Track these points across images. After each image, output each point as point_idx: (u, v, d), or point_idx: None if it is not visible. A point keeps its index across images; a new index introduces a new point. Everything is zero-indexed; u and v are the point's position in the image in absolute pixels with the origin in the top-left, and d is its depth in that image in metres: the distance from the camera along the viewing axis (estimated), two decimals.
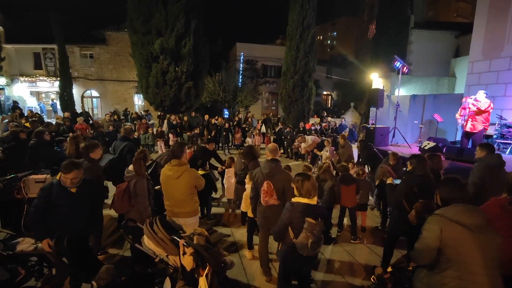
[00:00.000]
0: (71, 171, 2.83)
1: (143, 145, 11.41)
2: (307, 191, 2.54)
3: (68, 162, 2.88)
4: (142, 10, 13.31)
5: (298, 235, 2.50)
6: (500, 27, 8.81)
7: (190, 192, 3.33)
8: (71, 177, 2.83)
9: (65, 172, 2.82)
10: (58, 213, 2.85)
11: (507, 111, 8.46)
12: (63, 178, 2.85)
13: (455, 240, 1.87)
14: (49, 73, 21.23)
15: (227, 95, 19.59)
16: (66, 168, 2.83)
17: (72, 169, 2.84)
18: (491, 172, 3.60)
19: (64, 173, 2.82)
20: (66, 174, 2.81)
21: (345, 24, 40.98)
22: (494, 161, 3.73)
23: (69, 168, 2.84)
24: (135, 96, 22.57)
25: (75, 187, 2.89)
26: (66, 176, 2.82)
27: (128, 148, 4.57)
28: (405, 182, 3.39)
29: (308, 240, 2.45)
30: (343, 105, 23.52)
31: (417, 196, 3.18)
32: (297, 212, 2.52)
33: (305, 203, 2.54)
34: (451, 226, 1.90)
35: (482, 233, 1.87)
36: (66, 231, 2.86)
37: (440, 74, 14.31)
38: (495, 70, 9.02)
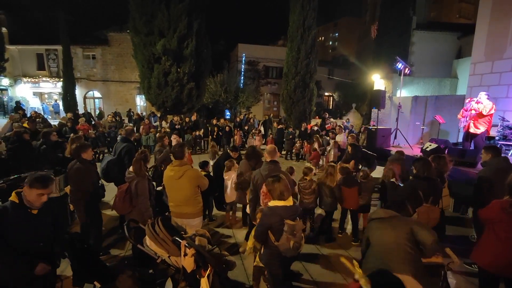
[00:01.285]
0: (49, 185, 2.34)
1: (145, 146, 11.44)
2: (280, 193, 2.55)
3: (45, 175, 2.38)
4: (144, 11, 13.37)
5: (279, 238, 2.50)
6: (502, 28, 8.78)
7: (193, 193, 3.34)
8: (48, 192, 2.33)
9: (43, 186, 2.28)
10: (14, 240, 2.22)
11: (509, 112, 8.42)
12: (33, 196, 2.26)
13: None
14: (52, 74, 21.37)
15: (228, 96, 19.63)
16: (44, 182, 2.30)
17: (51, 183, 2.37)
18: (499, 175, 3.52)
19: (40, 188, 2.27)
20: (43, 189, 2.28)
21: (347, 24, 40.91)
22: (502, 164, 3.68)
23: (49, 181, 2.35)
24: (137, 97, 22.67)
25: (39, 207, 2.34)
26: (42, 191, 2.28)
27: (127, 149, 4.56)
28: (410, 184, 3.37)
29: (289, 242, 2.46)
30: (345, 106, 23.49)
31: (421, 200, 3.15)
32: (276, 216, 2.52)
33: (282, 206, 2.54)
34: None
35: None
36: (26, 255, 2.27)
37: (442, 75, 14.26)
38: (498, 71, 8.98)
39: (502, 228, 2.43)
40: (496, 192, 3.38)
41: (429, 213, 3.15)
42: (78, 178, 3.62)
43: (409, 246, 2.19)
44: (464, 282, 3.47)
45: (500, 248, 2.42)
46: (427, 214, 3.13)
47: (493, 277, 2.54)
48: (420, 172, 3.31)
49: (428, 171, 3.29)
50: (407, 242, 2.20)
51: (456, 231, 4.95)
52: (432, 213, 3.16)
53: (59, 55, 19.94)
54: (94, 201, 3.81)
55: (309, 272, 3.73)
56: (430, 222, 3.17)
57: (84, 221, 3.78)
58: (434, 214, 3.17)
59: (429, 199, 3.18)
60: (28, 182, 2.27)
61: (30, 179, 2.28)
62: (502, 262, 2.40)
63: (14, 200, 2.28)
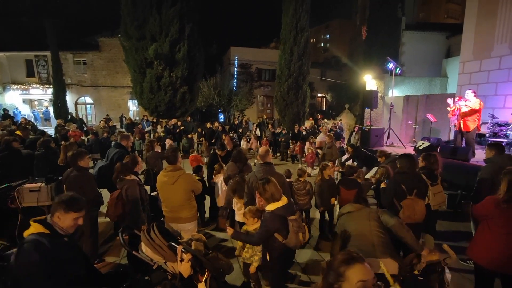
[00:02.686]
0: (84, 206, 2.08)
1: (138, 151, 11.33)
2: (271, 196, 2.59)
3: (75, 196, 2.07)
4: (136, 16, 13.32)
5: (286, 236, 2.57)
6: (489, 27, 8.99)
7: (187, 197, 3.32)
8: (83, 214, 2.06)
9: (79, 209, 2.01)
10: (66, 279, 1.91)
11: (498, 110, 8.60)
12: (69, 221, 1.97)
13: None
14: (42, 81, 21.09)
15: (222, 99, 19.61)
16: (80, 204, 2.03)
17: (84, 204, 2.10)
18: (501, 172, 3.57)
19: (77, 211, 2.00)
20: (79, 213, 2.02)
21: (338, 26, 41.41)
22: (505, 162, 3.68)
23: (82, 202, 2.08)
24: (129, 102, 22.49)
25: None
26: (78, 214, 2.00)
27: (119, 155, 4.49)
28: (393, 180, 3.45)
29: (298, 235, 2.58)
30: (338, 107, 23.67)
31: (405, 194, 3.23)
32: (278, 218, 2.58)
33: (281, 206, 2.61)
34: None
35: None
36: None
37: (432, 75, 14.50)
38: (486, 69, 9.18)
39: (496, 224, 2.46)
40: (497, 189, 3.46)
41: (414, 205, 3.20)
42: (77, 186, 3.52)
43: (381, 231, 2.38)
44: (461, 278, 3.50)
45: (495, 244, 2.45)
46: (413, 207, 3.19)
47: (489, 273, 2.57)
48: (402, 168, 3.38)
49: (409, 166, 3.35)
50: (378, 229, 2.39)
51: (451, 226, 5.01)
52: (417, 205, 3.22)
53: (49, 61, 19.70)
54: (91, 210, 3.73)
55: (307, 273, 3.72)
56: (417, 214, 3.21)
57: (80, 230, 3.71)
58: (419, 206, 3.23)
59: (413, 192, 3.24)
60: (62, 207, 1.95)
61: (63, 203, 1.97)
62: (497, 258, 2.43)
63: (44, 232, 1.88)
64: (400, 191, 3.25)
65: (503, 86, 8.71)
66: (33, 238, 1.83)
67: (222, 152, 5.40)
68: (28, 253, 1.77)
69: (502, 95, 8.75)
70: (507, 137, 7.57)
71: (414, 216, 3.19)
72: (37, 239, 1.82)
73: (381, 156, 5.61)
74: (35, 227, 1.90)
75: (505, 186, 2.42)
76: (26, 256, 1.77)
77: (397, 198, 3.26)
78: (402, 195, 3.23)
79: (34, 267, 1.74)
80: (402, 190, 3.24)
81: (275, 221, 2.56)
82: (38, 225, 1.91)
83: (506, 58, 8.60)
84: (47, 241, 1.84)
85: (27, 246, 1.79)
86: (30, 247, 1.78)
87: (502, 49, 8.68)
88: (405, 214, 3.17)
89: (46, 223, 1.95)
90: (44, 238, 1.85)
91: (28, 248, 1.78)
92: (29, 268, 1.75)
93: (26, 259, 1.76)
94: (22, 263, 1.76)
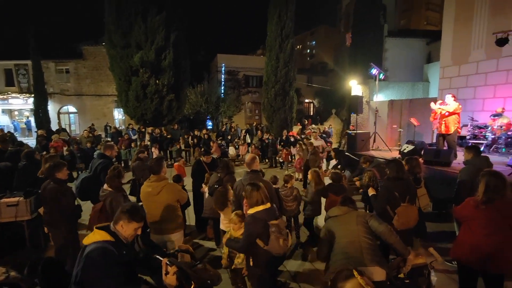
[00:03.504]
0: (144, 218, 2.15)
1: (124, 160, 11.10)
2: (256, 202, 2.59)
3: (137, 206, 2.17)
4: (120, 24, 13.17)
5: (268, 242, 2.53)
6: (466, 34, 9.37)
7: (172, 207, 3.24)
8: (142, 225, 2.11)
9: (141, 219, 2.08)
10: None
11: (477, 112, 8.90)
12: (131, 230, 2.02)
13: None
14: (22, 90, 20.48)
15: (209, 106, 19.56)
16: (141, 214, 2.10)
17: (145, 216, 2.17)
18: (479, 174, 3.67)
19: (139, 221, 2.06)
20: (140, 222, 2.07)
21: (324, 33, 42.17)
22: (482, 163, 3.83)
23: (144, 212, 2.18)
24: (115, 110, 22.09)
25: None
26: (139, 224, 2.05)
27: (103, 166, 4.33)
28: (385, 187, 3.42)
29: (279, 241, 2.52)
30: (325, 112, 24.00)
31: (398, 201, 3.22)
32: (260, 221, 2.55)
33: (263, 210, 2.58)
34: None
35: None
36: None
37: (414, 79, 14.94)
38: (464, 74, 9.53)
39: (477, 225, 2.51)
40: (476, 191, 3.55)
41: (408, 212, 3.20)
42: (53, 199, 3.41)
43: (369, 237, 2.37)
44: (446, 279, 3.55)
45: (476, 244, 2.49)
46: (406, 213, 3.19)
47: (471, 273, 2.62)
48: (392, 173, 3.38)
49: (400, 171, 3.36)
50: (366, 234, 2.38)
51: (437, 227, 5.10)
52: (411, 211, 3.23)
53: (30, 70, 19.18)
54: (71, 223, 3.60)
55: (297, 281, 3.69)
56: (411, 221, 3.23)
57: (60, 244, 3.56)
58: (412, 212, 3.24)
59: (405, 199, 3.25)
60: (126, 216, 1.99)
61: (127, 213, 2.00)
62: (478, 257, 2.47)
63: (110, 240, 1.91)
64: (393, 198, 3.23)
65: (481, 90, 9.05)
66: (101, 245, 1.86)
67: (207, 158, 5.17)
68: (98, 259, 1.80)
69: (480, 98, 9.08)
70: (487, 139, 7.84)
71: (408, 223, 3.20)
72: (105, 246, 1.86)
73: (365, 162, 5.68)
74: (100, 234, 1.93)
75: (482, 187, 2.48)
76: (96, 262, 1.79)
77: (390, 205, 3.23)
78: (395, 202, 3.21)
79: (103, 273, 1.78)
80: (395, 197, 3.22)
81: (256, 224, 2.52)
82: (104, 233, 1.94)
83: (482, 63, 8.96)
84: (113, 248, 1.88)
85: (97, 252, 1.82)
86: (99, 254, 1.81)
87: (479, 55, 9.05)
88: (399, 221, 3.15)
89: (110, 230, 1.98)
90: (110, 245, 1.89)
91: (98, 254, 1.81)
92: (99, 273, 1.78)
93: (96, 265, 1.78)
94: (92, 268, 1.79)
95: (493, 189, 2.43)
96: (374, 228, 2.44)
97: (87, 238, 1.95)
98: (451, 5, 9.90)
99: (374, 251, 2.31)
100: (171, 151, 11.93)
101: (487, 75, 8.87)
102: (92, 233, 1.97)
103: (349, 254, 2.28)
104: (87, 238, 1.95)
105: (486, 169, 2.70)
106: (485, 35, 8.75)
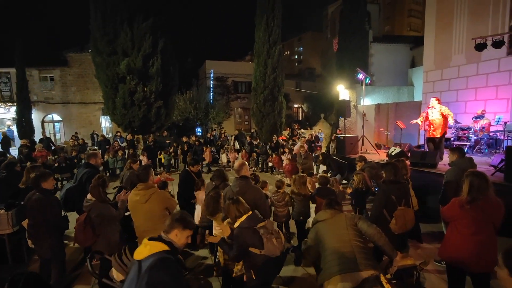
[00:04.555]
0: (194, 225, 2.26)
1: (112, 169, 10.87)
2: (235, 216, 2.64)
3: (188, 214, 2.21)
4: (106, 31, 13.03)
5: (262, 246, 2.54)
6: (446, 39, 9.70)
7: (161, 215, 3.17)
8: (192, 233, 2.16)
9: (193, 227, 2.14)
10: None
11: (460, 115, 9.18)
12: (184, 239, 2.05)
13: None
14: (5, 99, 19.85)
15: (199, 112, 19.47)
16: (191, 223, 2.13)
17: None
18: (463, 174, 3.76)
19: (191, 229, 2.11)
20: (191, 230, 2.12)
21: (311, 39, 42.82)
22: (466, 164, 3.93)
23: (194, 221, 2.25)
24: (101, 118, 21.68)
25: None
26: (190, 232, 2.10)
27: (88, 176, 4.19)
28: (382, 191, 3.38)
29: (272, 241, 2.54)
30: (314, 117, 24.25)
31: (395, 204, 3.19)
32: (247, 230, 2.57)
33: (245, 219, 2.60)
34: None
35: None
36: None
37: (400, 84, 15.30)
38: (447, 78, 9.84)
39: (463, 225, 2.57)
40: (461, 189, 3.62)
41: (405, 215, 3.18)
42: (38, 210, 3.26)
43: (360, 240, 2.36)
44: (436, 279, 3.60)
45: (463, 244, 2.54)
46: (403, 217, 3.17)
47: (459, 272, 2.66)
48: (388, 176, 3.37)
49: (396, 174, 3.35)
50: (357, 238, 2.37)
51: (425, 228, 5.18)
52: (407, 215, 3.20)
53: (12, 78, 18.66)
54: (57, 235, 3.47)
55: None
56: (408, 224, 3.21)
57: (45, 257, 3.42)
58: (409, 215, 3.21)
59: (402, 202, 3.23)
60: (180, 225, 1.99)
61: (181, 221, 2.01)
62: (465, 257, 2.52)
63: (167, 249, 1.88)
64: (390, 202, 3.20)
65: (462, 93, 9.36)
66: (162, 256, 1.81)
67: (196, 167, 4.96)
68: (163, 271, 1.76)
69: (462, 101, 9.38)
70: (470, 140, 8.08)
71: (406, 226, 3.18)
72: (166, 257, 1.82)
73: (360, 161, 5.72)
74: (156, 246, 1.87)
75: (467, 187, 2.54)
76: (162, 275, 1.74)
77: (387, 208, 3.22)
78: (392, 206, 3.19)
79: (172, 284, 1.75)
80: (392, 201, 3.19)
81: (245, 234, 2.53)
82: (159, 243, 1.89)
83: (463, 67, 9.28)
84: (172, 257, 1.86)
85: (161, 264, 1.77)
86: (164, 266, 1.77)
87: (460, 59, 9.37)
88: (397, 225, 3.13)
89: (164, 240, 1.95)
90: (169, 255, 1.86)
91: (162, 266, 1.77)
92: (168, 285, 1.74)
93: (163, 277, 1.73)
94: (160, 281, 1.72)
95: (477, 189, 2.49)
96: (364, 230, 2.43)
97: (140, 252, 1.86)
98: (432, 12, 10.25)
99: (367, 254, 2.30)
100: (160, 159, 11.76)
101: (468, 79, 9.19)
102: (143, 245, 1.90)
103: (343, 259, 2.26)
104: (140, 252, 1.86)
105: (470, 170, 2.76)
106: (465, 41, 9.09)
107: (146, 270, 1.73)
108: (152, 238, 1.96)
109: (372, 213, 3.49)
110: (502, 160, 5.30)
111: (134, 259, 1.86)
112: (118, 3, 12.83)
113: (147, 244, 1.90)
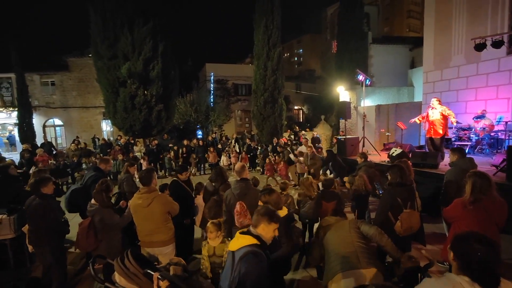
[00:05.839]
0: (279, 219, 2.28)
1: (114, 172, 10.87)
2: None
3: (272, 208, 2.28)
4: (107, 35, 13.09)
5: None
6: (446, 40, 9.72)
7: (163, 219, 3.18)
8: (278, 227, 2.20)
9: (278, 220, 2.19)
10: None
11: (461, 115, 9.18)
12: (271, 232, 2.12)
13: None
14: (6, 104, 19.93)
15: (199, 115, 19.50)
16: (277, 216, 2.19)
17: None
18: (464, 175, 3.70)
19: (277, 222, 2.15)
20: (277, 223, 2.17)
21: (310, 41, 42.97)
22: (467, 164, 3.94)
23: (279, 215, 2.30)
24: (102, 122, 21.74)
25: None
26: (276, 225, 2.14)
27: (94, 179, 4.19)
28: (388, 194, 3.32)
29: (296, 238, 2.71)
30: (315, 118, 24.25)
31: (401, 207, 3.13)
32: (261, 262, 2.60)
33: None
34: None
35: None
36: None
37: (400, 84, 15.31)
38: (447, 78, 9.85)
39: (465, 225, 2.56)
40: (462, 191, 3.60)
41: (410, 218, 3.11)
42: (38, 215, 3.26)
43: (362, 242, 2.42)
44: None
45: None
46: (409, 219, 3.10)
47: None
48: (394, 179, 3.30)
49: (402, 177, 3.28)
50: (359, 239, 2.43)
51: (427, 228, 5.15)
52: (413, 217, 3.13)
53: (13, 83, 18.75)
54: (58, 240, 3.46)
55: None
56: (413, 226, 3.15)
57: (47, 263, 3.42)
58: (415, 218, 3.15)
59: (407, 204, 3.17)
60: (266, 219, 2.04)
61: (267, 215, 2.05)
62: None
63: (256, 243, 1.95)
64: (396, 204, 3.14)
65: (463, 93, 9.35)
66: (252, 249, 1.92)
67: (184, 174, 4.31)
68: (255, 262, 1.87)
69: (463, 101, 9.38)
70: (471, 140, 8.07)
71: (411, 228, 3.12)
72: (256, 250, 1.92)
73: (361, 158, 5.75)
74: (246, 239, 1.99)
75: (469, 188, 2.54)
76: (254, 265, 1.85)
77: (392, 211, 3.16)
78: (398, 209, 3.13)
79: (262, 275, 1.85)
80: (398, 204, 3.13)
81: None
82: (249, 237, 1.99)
83: (463, 68, 9.29)
84: (261, 251, 1.95)
85: (252, 255, 1.89)
86: (254, 257, 1.88)
87: (459, 60, 9.38)
88: (403, 228, 3.07)
89: (254, 234, 2.04)
90: (258, 248, 1.95)
91: (253, 257, 1.88)
92: (257, 276, 1.84)
93: (255, 267, 1.85)
94: (252, 271, 1.84)
95: (479, 189, 2.49)
96: (366, 231, 2.48)
97: (233, 244, 2.02)
98: (431, 13, 10.28)
99: (369, 254, 2.34)
100: (161, 163, 11.77)
101: (468, 79, 9.19)
102: (236, 238, 2.04)
103: (345, 259, 2.31)
104: (233, 244, 2.02)
105: (472, 170, 2.76)
106: (464, 41, 9.10)
107: (238, 261, 1.90)
108: (242, 232, 2.09)
109: (377, 216, 3.44)
110: (504, 160, 5.29)
111: (229, 250, 2.06)
112: (118, 7, 12.90)
113: (238, 237, 2.05)
